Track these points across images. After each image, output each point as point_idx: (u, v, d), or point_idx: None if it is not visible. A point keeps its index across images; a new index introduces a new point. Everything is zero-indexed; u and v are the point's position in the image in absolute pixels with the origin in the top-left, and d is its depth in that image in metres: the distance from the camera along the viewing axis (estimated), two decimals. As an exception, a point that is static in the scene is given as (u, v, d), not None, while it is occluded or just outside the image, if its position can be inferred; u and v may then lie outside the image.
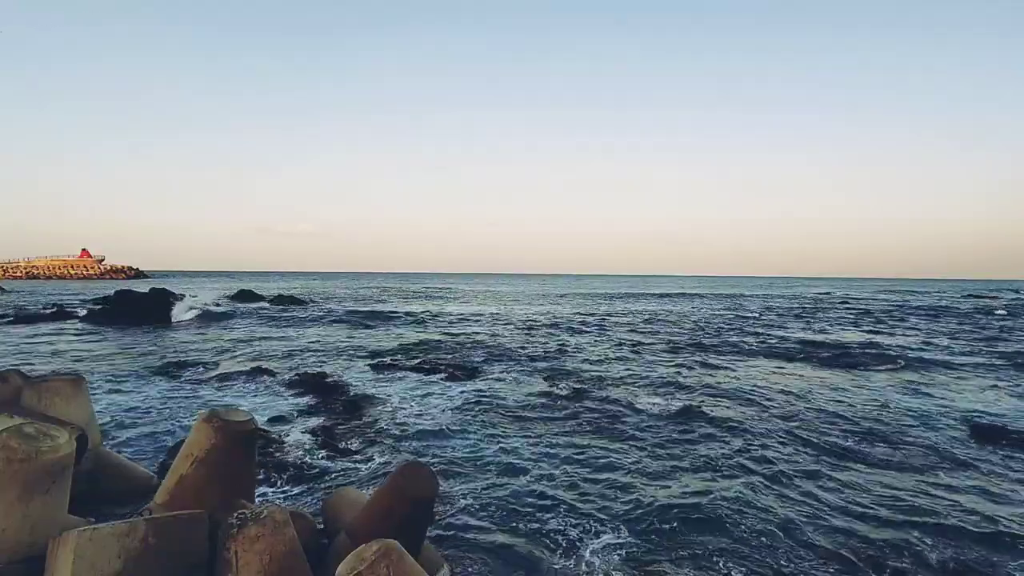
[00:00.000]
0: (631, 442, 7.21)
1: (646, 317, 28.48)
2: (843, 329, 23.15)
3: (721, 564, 4.24)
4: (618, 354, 15.22)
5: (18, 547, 1.85)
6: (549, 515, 5.02)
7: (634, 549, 4.44)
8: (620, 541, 4.56)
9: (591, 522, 4.88)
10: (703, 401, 9.58)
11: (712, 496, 5.47)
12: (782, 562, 4.28)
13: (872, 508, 5.28)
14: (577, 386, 10.68)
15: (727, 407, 9.19)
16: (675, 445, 7.12)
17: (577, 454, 6.72)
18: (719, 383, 11.24)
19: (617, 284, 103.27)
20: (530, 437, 7.40)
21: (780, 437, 7.52)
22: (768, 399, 9.84)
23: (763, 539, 4.63)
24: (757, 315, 30.21)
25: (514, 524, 4.82)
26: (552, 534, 4.65)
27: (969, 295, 62.13)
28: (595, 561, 4.23)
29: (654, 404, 9.33)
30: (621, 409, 8.89)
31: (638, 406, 9.12)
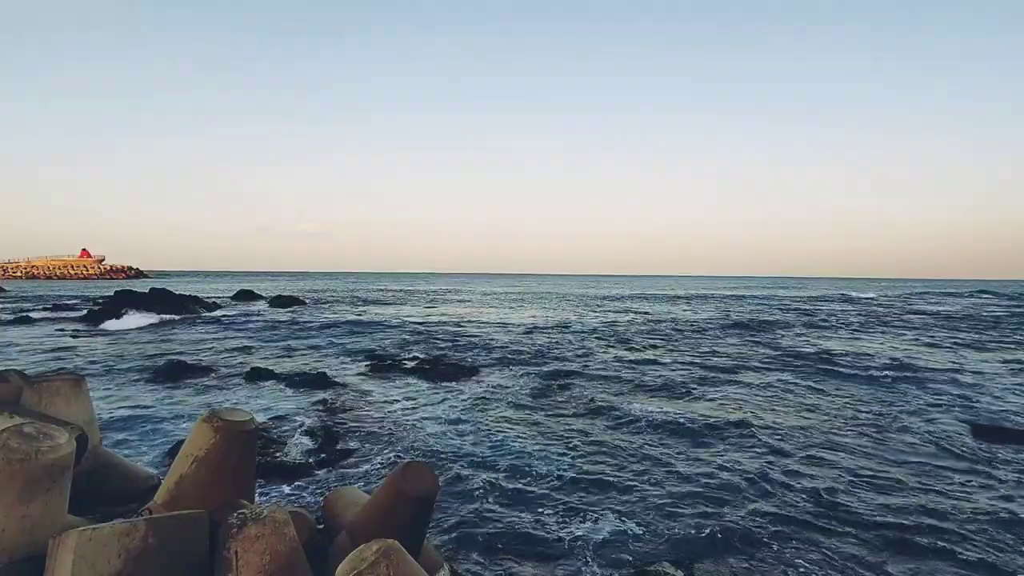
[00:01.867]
0: (633, 444, 7.21)
1: (652, 319, 28.48)
2: (852, 332, 23.14)
3: (722, 563, 4.24)
4: (623, 357, 15.22)
5: (18, 547, 1.85)
6: (550, 514, 5.02)
7: (634, 549, 4.44)
8: (620, 541, 4.56)
9: (591, 522, 4.88)
10: (707, 405, 9.58)
11: (714, 498, 5.47)
12: (782, 562, 4.28)
13: (875, 509, 5.28)
14: (579, 388, 10.68)
15: (733, 410, 9.18)
16: (678, 448, 7.12)
17: (578, 456, 6.71)
18: (726, 386, 11.24)
19: (621, 285, 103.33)
20: (531, 438, 7.39)
21: (783, 440, 7.51)
22: (774, 402, 9.83)
23: (761, 540, 4.62)
24: (764, 318, 30.21)
25: (514, 523, 4.81)
26: (553, 533, 4.65)
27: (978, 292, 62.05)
28: (595, 560, 4.23)
29: (657, 407, 9.33)
30: (624, 412, 8.89)
31: (641, 409, 9.12)
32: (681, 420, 8.28)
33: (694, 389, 10.60)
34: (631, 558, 4.28)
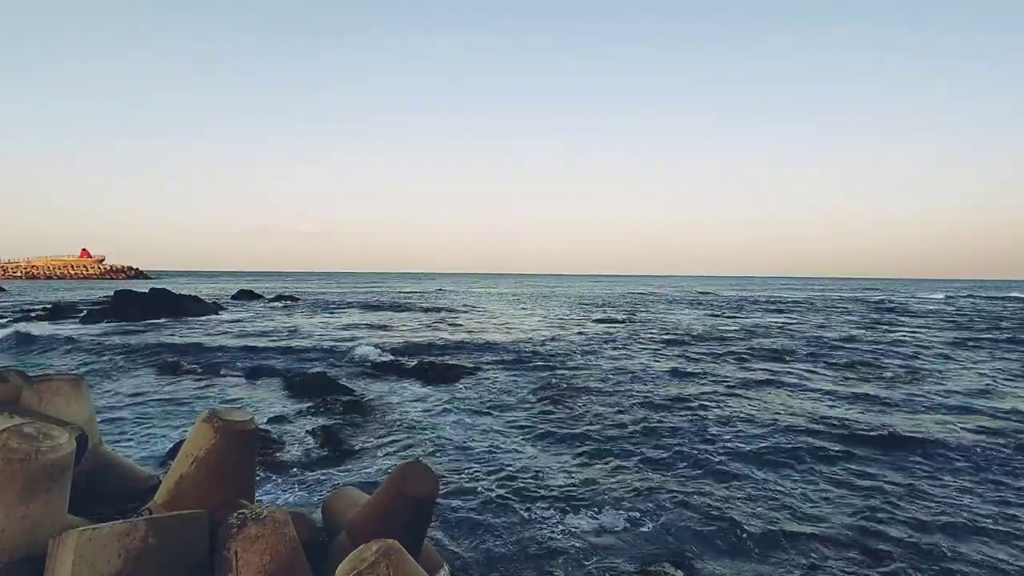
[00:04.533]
0: (635, 445, 7.20)
1: (656, 318, 28.47)
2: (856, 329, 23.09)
3: (723, 564, 4.24)
4: (627, 358, 15.21)
5: (18, 547, 1.85)
6: (550, 515, 5.02)
7: (635, 549, 4.44)
8: (621, 541, 4.56)
9: (592, 523, 4.88)
10: (713, 406, 9.57)
11: (717, 499, 5.47)
12: (783, 563, 4.28)
13: (877, 508, 5.28)
14: (581, 390, 10.67)
15: (738, 411, 9.17)
16: (681, 449, 7.11)
17: (579, 457, 6.71)
18: (734, 387, 11.22)
19: (623, 284, 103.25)
20: (532, 439, 7.39)
21: (789, 443, 7.51)
22: (782, 402, 9.83)
23: (763, 541, 4.62)
24: (775, 322, 30.17)
25: (514, 524, 4.82)
26: (553, 534, 4.65)
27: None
28: (596, 560, 4.23)
29: (662, 409, 9.32)
30: (627, 414, 8.88)
31: (644, 411, 9.11)
32: (685, 422, 8.28)
33: (701, 390, 10.59)
34: (631, 558, 4.28)
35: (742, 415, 8.64)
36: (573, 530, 4.72)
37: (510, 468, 6.19)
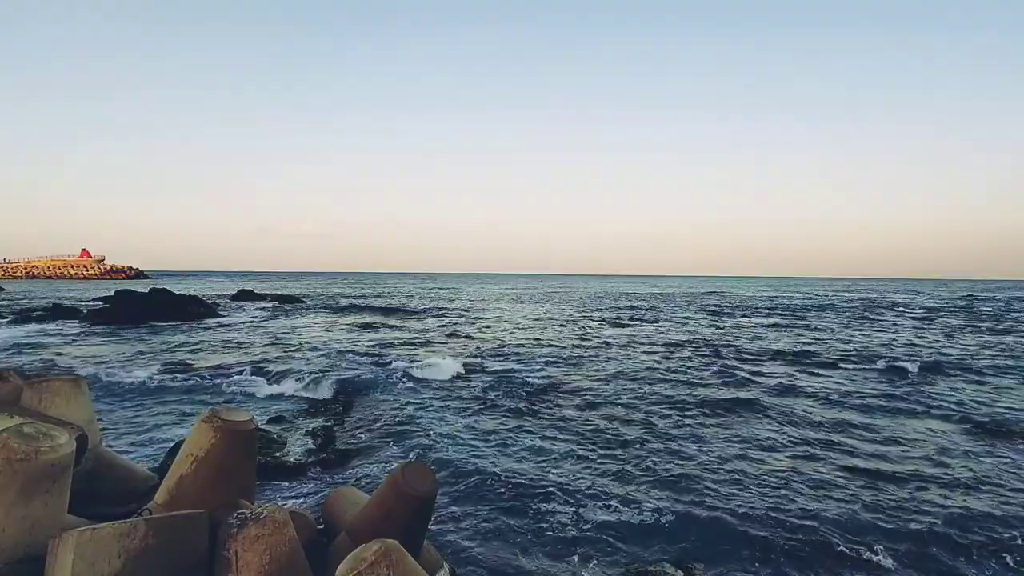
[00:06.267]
0: (635, 445, 7.21)
1: (661, 320, 28.45)
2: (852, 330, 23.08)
3: (723, 564, 4.24)
4: (631, 360, 15.21)
5: (18, 547, 1.85)
6: (549, 514, 5.02)
7: (635, 549, 4.44)
8: (621, 541, 4.56)
9: (592, 522, 4.88)
10: (713, 403, 9.58)
11: (716, 498, 5.47)
12: (782, 563, 4.28)
13: (872, 506, 5.28)
14: (582, 390, 10.68)
15: (737, 408, 9.18)
16: (681, 449, 7.12)
17: (579, 456, 6.71)
18: (734, 393, 11.23)
19: (623, 284, 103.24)
20: (533, 439, 7.39)
21: (789, 442, 7.51)
22: (782, 399, 9.82)
23: (762, 541, 4.62)
24: (767, 321, 30.16)
25: (514, 523, 4.82)
26: (552, 533, 4.65)
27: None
28: (596, 560, 4.23)
29: (663, 409, 9.32)
30: (628, 414, 8.89)
31: (646, 411, 9.12)
32: (688, 425, 8.28)
33: (704, 393, 10.58)
34: (631, 558, 4.28)
35: (746, 420, 8.64)
36: (573, 530, 4.72)
37: (510, 468, 6.19)
